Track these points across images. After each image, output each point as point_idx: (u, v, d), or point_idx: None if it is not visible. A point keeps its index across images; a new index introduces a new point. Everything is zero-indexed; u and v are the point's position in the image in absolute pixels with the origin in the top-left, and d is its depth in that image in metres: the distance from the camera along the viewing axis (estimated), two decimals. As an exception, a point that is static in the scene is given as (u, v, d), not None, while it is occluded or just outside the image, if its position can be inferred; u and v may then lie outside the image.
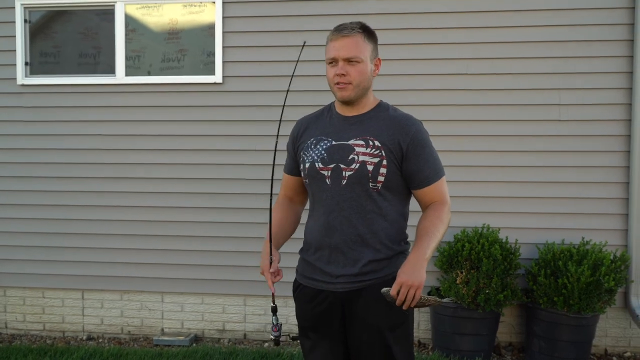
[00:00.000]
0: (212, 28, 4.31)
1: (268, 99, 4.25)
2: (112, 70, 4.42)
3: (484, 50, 4.09)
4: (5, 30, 4.47)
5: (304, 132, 2.13)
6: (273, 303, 2.04)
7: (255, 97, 4.28)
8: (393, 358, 1.99)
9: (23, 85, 4.46)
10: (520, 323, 4.16)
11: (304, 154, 2.07)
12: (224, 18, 4.27)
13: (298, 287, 2.14)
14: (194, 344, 4.32)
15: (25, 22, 4.48)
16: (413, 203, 2.09)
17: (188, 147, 4.34)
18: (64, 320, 4.56)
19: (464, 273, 3.82)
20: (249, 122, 4.27)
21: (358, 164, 1.96)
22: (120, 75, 4.39)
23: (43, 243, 4.49)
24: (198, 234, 4.35)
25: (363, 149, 1.97)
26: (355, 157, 1.97)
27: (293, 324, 4.13)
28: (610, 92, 4.01)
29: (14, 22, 4.44)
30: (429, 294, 4.05)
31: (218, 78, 4.28)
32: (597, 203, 4.05)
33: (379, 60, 2.05)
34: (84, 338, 4.51)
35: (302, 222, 2.20)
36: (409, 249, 1.99)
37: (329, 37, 2.00)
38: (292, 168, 2.19)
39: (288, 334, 2.19)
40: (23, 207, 4.50)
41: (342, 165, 1.98)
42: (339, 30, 1.97)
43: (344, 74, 1.95)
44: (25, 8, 4.47)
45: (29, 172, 4.49)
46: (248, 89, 4.28)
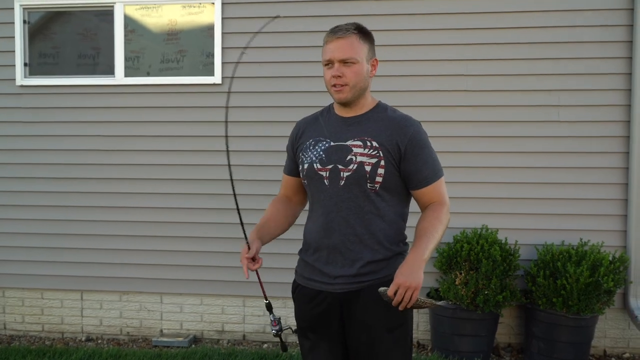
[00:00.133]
0: (211, 29, 4.31)
1: (267, 100, 4.26)
2: (111, 71, 4.43)
3: (483, 52, 4.10)
4: (4, 31, 4.47)
5: (303, 133, 2.13)
6: (266, 299, 2.05)
7: (255, 98, 4.28)
8: (391, 359, 1.98)
9: (22, 86, 4.46)
10: (519, 324, 4.16)
11: (303, 155, 2.08)
12: (223, 19, 4.28)
13: (297, 287, 2.15)
14: (193, 345, 4.32)
15: (25, 23, 4.48)
16: (413, 204, 2.09)
17: (187, 148, 4.34)
18: (63, 321, 4.56)
19: (463, 274, 3.82)
20: (248, 122, 4.27)
21: (356, 165, 1.96)
22: (120, 76, 4.39)
23: (42, 244, 4.49)
24: (197, 235, 4.35)
25: (361, 150, 1.97)
26: (353, 157, 1.97)
27: (292, 325, 4.13)
28: (609, 93, 4.01)
29: (13, 23, 4.44)
30: (428, 295, 4.06)
31: (217, 79, 4.29)
32: (596, 204, 4.05)
33: (376, 61, 2.05)
34: (83, 339, 4.51)
35: (301, 223, 2.20)
36: (408, 250, 1.98)
37: (325, 39, 2.00)
38: (291, 169, 2.19)
39: (289, 327, 2.18)
40: (22, 207, 4.50)
41: (340, 166, 1.98)
42: (334, 32, 1.97)
43: (340, 76, 1.95)
44: (25, 9, 4.47)
45: (28, 172, 4.49)
46: (247, 90, 4.29)
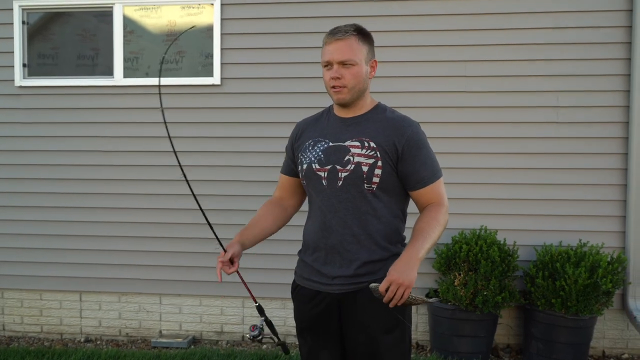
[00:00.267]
0: (210, 30, 4.31)
1: (266, 101, 4.26)
2: (110, 72, 4.42)
3: (482, 53, 4.10)
4: (3, 32, 4.46)
5: (303, 133, 2.14)
6: (255, 302, 2.04)
7: (254, 99, 4.28)
8: (390, 360, 1.99)
9: (21, 87, 4.46)
10: (518, 325, 4.16)
11: (302, 155, 2.08)
12: (223, 20, 4.27)
13: (296, 288, 2.16)
14: (192, 346, 4.31)
15: (23, 23, 4.48)
16: (412, 205, 2.09)
17: (186, 148, 4.33)
18: (62, 322, 4.55)
19: (462, 275, 3.82)
20: (247, 123, 4.27)
21: (353, 165, 1.96)
22: (119, 77, 4.39)
23: (41, 245, 4.48)
24: (196, 236, 4.34)
25: (359, 150, 1.97)
26: (351, 158, 1.97)
27: (291, 326, 4.13)
28: (608, 94, 4.01)
29: (12, 23, 4.44)
30: (427, 296, 4.06)
31: (216, 80, 4.28)
32: (594, 205, 4.06)
33: (375, 62, 2.05)
34: (82, 340, 4.50)
35: (301, 224, 2.20)
36: (406, 251, 1.98)
37: (324, 40, 2.01)
38: (289, 169, 2.20)
39: (271, 337, 2.15)
40: (20, 208, 4.49)
41: (338, 167, 1.98)
42: (334, 34, 1.98)
43: (339, 77, 1.96)
44: (23, 10, 4.47)
45: (27, 173, 4.48)
46: (246, 91, 4.29)
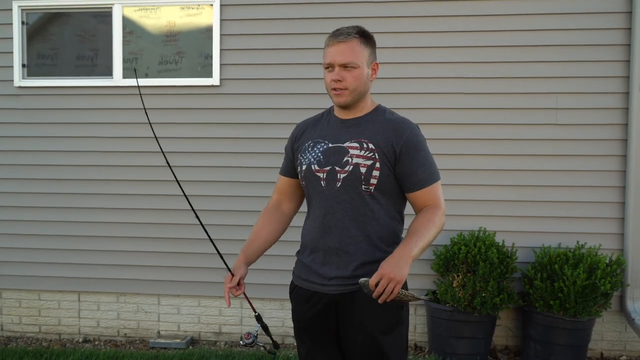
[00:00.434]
0: (209, 30, 4.31)
1: (266, 102, 4.26)
2: (109, 73, 4.42)
3: (481, 54, 4.10)
4: (3, 32, 4.46)
5: (302, 134, 2.14)
6: (254, 312, 2.07)
7: (253, 99, 4.28)
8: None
9: (20, 87, 4.46)
10: (517, 326, 4.16)
11: (302, 156, 2.09)
12: (222, 21, 4.27)
13: (294, 288, 2.16)
14: (190, 347, 4.31)
15: (23, 24, 4.48)
16: (410, 207, 2.09)
17: (185, 149, 4.34)
18: (60, 323, 4.55)
19: (461, 276, 3.82)
20: (247, 124, 4.27)
21: (352, 166, 1.97)
22: (118, 78, 4.39)
23: (39, 245, 4.48)
24: (195, 236, 4.32)
25: (357, 152, 1.98)
26: (349, 159, 1.97)
27: (289, 327, 4.13)
28: (608, 96, 4.02)
29: (11, 24, 4.44)
30: (426, 296, 4.05)
31: (215, 80, 4.29)
32: (593, 207, 4.06)
33: (377, 65, 2.05)
34: (80, 340, 4.50)
35: (299, 224, 2.20)
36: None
37: (326, 41, 2.00)
38: (288, 170, 2.20)
39: (263, 345, 2.22)
40: (19, 209, 4.49)
41: (337, 168, 1.99)
42: (336, 36, 1.97)
43: (340, 80, 1.96)
44: (23, 10, 4.47)
45: (26, 174, 4.48)
46: (246, 92, 4.29)
